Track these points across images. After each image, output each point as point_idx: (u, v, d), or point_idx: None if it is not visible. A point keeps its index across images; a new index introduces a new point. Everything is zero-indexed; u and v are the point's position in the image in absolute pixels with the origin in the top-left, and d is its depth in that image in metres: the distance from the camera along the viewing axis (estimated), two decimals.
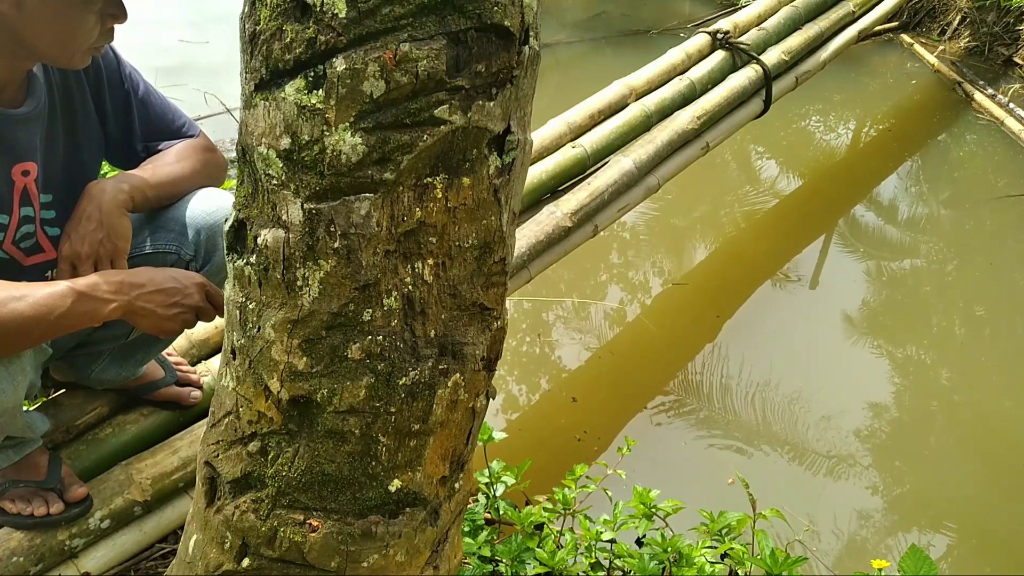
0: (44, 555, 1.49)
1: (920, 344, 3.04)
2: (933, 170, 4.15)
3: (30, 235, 1.38)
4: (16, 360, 1.26)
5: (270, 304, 0.93)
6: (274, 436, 0.99)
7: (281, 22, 0.80)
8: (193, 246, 1.48)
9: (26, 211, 1.35)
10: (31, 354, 1.30)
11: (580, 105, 2.79)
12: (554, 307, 3.19)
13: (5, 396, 1.26)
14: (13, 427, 1.38)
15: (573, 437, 2.53)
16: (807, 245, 3.55)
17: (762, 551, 1.56)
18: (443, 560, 1.15)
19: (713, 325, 3.04)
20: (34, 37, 1.19)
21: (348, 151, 0.82)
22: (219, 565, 1.07)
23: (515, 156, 0.91)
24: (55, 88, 1.36)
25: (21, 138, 1.30)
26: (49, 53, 1.23)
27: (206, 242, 1.47)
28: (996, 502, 2.41)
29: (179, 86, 3.62)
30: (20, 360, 1.27)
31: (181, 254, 1.48)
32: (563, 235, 2.41)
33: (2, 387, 1.25)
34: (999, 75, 4.70)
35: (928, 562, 1.40)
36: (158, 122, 1.50)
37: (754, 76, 3.09)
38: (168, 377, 1.74)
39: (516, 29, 0.83)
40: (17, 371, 1.27)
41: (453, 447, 1.05)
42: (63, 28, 1.19)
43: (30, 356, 1.30)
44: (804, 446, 2.55)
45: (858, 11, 3.73)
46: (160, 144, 1.50)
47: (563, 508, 1.71)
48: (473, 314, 0.98)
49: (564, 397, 2.73)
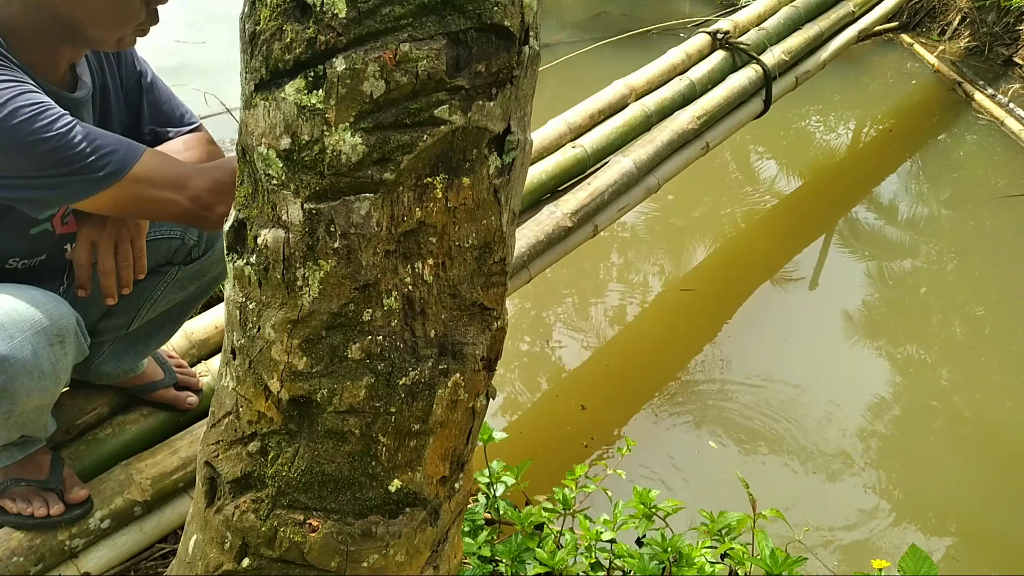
0: (44, 555, 1.49)
1: (920, 344, 3.04)
2: (933, 170, 4.15)
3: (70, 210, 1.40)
4: (63, 359, 1.28)
5: (270, 304, 0.93)
6: (274, 436, 0.99)
7: (281, 22, 0.80)
8: (197, 232, 1.50)
9: None
10: (74, 357, 1.33)
11: (580, 105, 2.79)
12: (554, 307, 3.19)
13: (46, 394, 1.29)
14: (36, 425, 1.39)
15: (577, 441, 2.53)
16: (807, 245, 3.55)
17: (762, 551, 1.56)
18: (443, 560, 1.15)
19: (713, 325, 3.04)
20: (84, 19, 1.20)
21: (348, 151, 0.82)
22: (219, 565, 1.07)
23: (515, 156, 0.91)
24: (95, 75, 1.39)
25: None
26: (97, 36, 1.24)
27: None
28: (996, 502, 2.41)
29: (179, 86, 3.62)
30: (66, 360, 1.29)
31: (185, 239, 1.51)
32: (563, 235, 2.41)
33: (45, 384, 1.27)
34: (999, 75, 4.70)
35: (928, 562, 1.40)
36: (164, 107, 1.52)
37: (754, 76, 3.09)
38: (168, 378, 1.74)
39: (516, 29, 0.83)
40: (62, 370, 1.29)
41: (453, 447, 1.05)
42: (112, 10, 1.21)
43: (73, 358, 1.32)
44: (804, 446, 2.55)
45: (858, 11, 3.73)
46: (169, 131, 1.52)
47: (563, 508, 1.71)
48: (473, 314, 0.98)
49: (564, 397, 2.73)
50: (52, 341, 1.25)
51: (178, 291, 1.58)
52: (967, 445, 2.60)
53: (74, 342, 1.30)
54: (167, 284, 1.56)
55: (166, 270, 1.55)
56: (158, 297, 1.57)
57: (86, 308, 1.51)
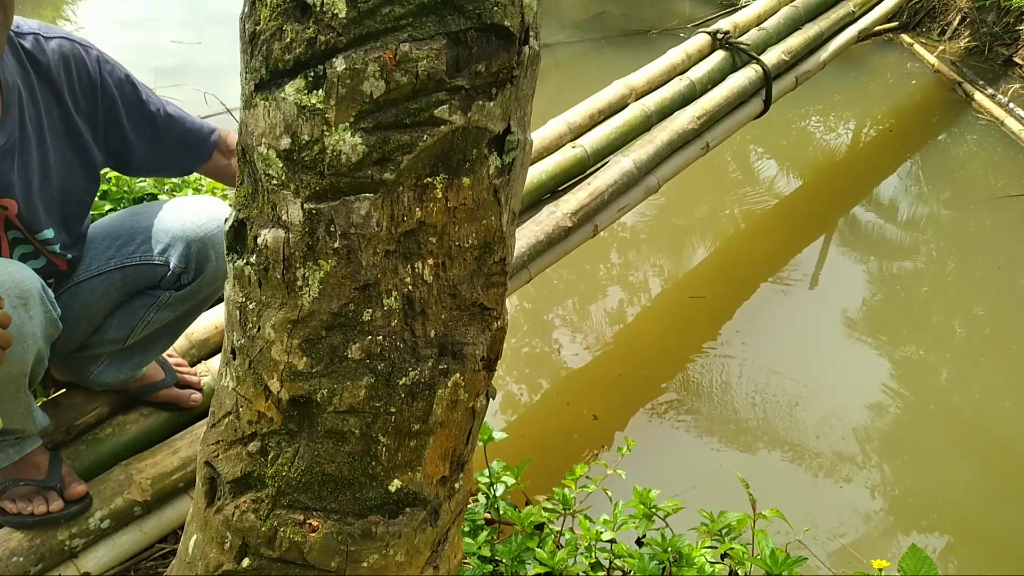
0: (44, 555, 1.49)
1: (920, 344, 3.04)
2: (933, 170, 4.15)
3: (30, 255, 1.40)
4: (28, 323, 1.25)
5: (270, 304, 0.93)
6: (274, 436, 0.99)
7: (281, 22, 0.80)
8: (184, 259, 1.49)
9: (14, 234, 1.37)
10: (42, 322, 1.29)
11: (580, 105, 2.79)
12: (554, 307, 3.19)
13: (14, 361, 1.26)
14: (15, 406, 1.37)
15: (581, 445, 2.53)
16: (807, 245, 3.55)
17: (762, 551, 1.56)
18: (443, 560, 1.15)
19: (713, 325, 3.04)
20: None
21: (348, 151, 0.82)
22: (219, 565, 1.07)
23: (515, 156, 0.91)
24: (28, 119, 1.33)
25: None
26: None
27: (197, 254, 1.49)
28: (996, 502, 2.41)
29: (178, 86, 3.63)
30: (32, 324, 1.26)
31: (171, 266, 1.50)
32: (563, 235, 2.41)
33: (12, 348, 1.23)
34: (999, 75, 4.69)
35: (928, 562, 1.40)
36: (189, 136, 1.53)
37: (754, 76, 3.09)
38: (168, 379, 1.74)
39: (516, 29, 0.83)
40: (29, 335, 1.26)
41: (453, 447, 1.05)
42: None
43: (40, 323, 1.29)
44: (804, 446, 2.55)
45: (858, 11, 3.73)
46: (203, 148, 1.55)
47: (563, 508, 1.71)
48: (473, 314, 0.98)
49: (563, 396, 2.73)
50: (15, 303, 1.23)
51: (170, 312, 1.58)
52: (967, 445, 2.60)
53: (40, 307, 1.28)
54: (158, 307, 1.56)
55: (157, 294, 1.55)
56: (151, 319, 1.57)
57: (73, 324, 1.52)
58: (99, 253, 1.53)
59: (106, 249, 1.53)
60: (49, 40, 1.34)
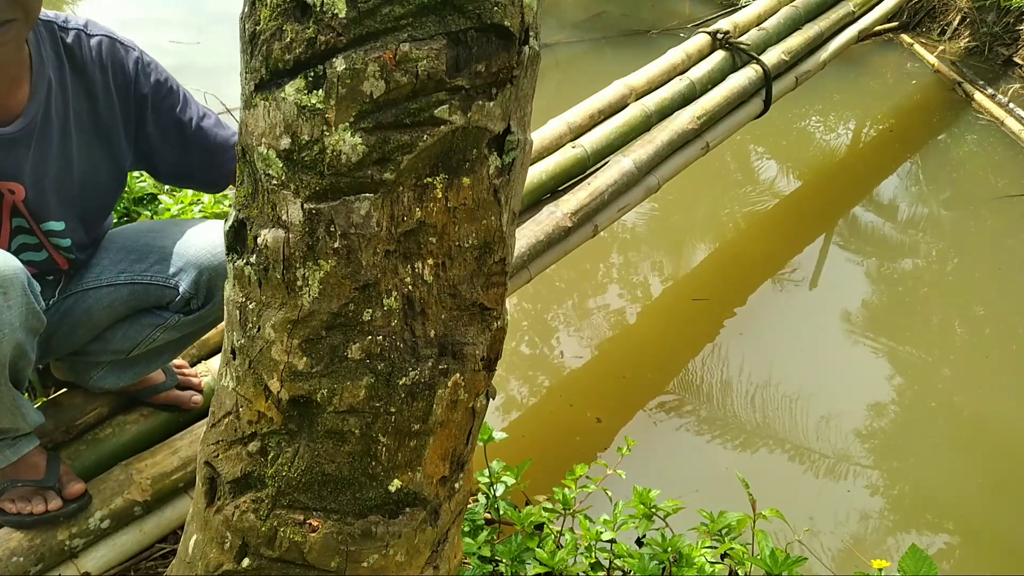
0: (44, 555, 1.49)
1: (920, 344, 3.04)
2: (933, 170, 4.15)
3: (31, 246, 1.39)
4: (6, 312, 1.22)
5: (270, 304, 0.93)
6: (274, 436, 0.99)
7: (281, 22, 0.80)
8: (194, 285, 1.49)
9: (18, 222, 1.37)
10: (21, 312, 1.25)
11: (580, 105, 2.79)
12: (554, 307, 3.19)
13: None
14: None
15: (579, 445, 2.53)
16: (807, 245, 3.55)
17: (762, 551, 1.56)
18: (443, 560, 1.15)
19: (713, 325, 3.04)
20: None
21: (348, 151, 0.82)
22: (219, 565, 1.07)
23: (515, 156, 0.91)
24: (55, 109, 1.35)
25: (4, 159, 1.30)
26: None
27: (208, 283, 1.49)
28: (996, 502, 2.41)
29: None
30: (10, 313, 1.23)
31: (180, 291, 1.50)
32: (563, 235, 2.41)
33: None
34: (999, 75, 4.69)
35: (928, 562, 1.40)
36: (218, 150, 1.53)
37: (754, 76, 3.09)
38: (169, 381, 1.74)
39: (516, 29, 0.83)
40: (6, 323, 1.23)
41: (453, 447, 1.05)
42: None
43: (20, 313, 1.25)
44: (804, 446, 2.55)
45: (858, 11, 3.73)
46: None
47: (563, 508, 1.71)
48: (473, 314, 0.98)
49: (560, 396, 2.73)
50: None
51: (176, 333, 1.58)
52: (967, 445, 2.60)
53: (20, 297, 1.24)
54: (165, 328, 1.56)
55: (165, 316, 1.54)
56: (156, 338, 1.57)
57: (73, 328, 1.52)
58: (111, 264, 1.53)
59: (119, 261, 1.53)
60: (91, 37, 1.37)
